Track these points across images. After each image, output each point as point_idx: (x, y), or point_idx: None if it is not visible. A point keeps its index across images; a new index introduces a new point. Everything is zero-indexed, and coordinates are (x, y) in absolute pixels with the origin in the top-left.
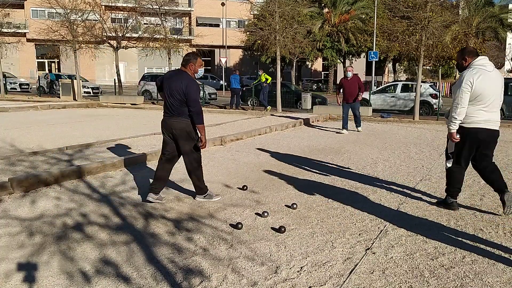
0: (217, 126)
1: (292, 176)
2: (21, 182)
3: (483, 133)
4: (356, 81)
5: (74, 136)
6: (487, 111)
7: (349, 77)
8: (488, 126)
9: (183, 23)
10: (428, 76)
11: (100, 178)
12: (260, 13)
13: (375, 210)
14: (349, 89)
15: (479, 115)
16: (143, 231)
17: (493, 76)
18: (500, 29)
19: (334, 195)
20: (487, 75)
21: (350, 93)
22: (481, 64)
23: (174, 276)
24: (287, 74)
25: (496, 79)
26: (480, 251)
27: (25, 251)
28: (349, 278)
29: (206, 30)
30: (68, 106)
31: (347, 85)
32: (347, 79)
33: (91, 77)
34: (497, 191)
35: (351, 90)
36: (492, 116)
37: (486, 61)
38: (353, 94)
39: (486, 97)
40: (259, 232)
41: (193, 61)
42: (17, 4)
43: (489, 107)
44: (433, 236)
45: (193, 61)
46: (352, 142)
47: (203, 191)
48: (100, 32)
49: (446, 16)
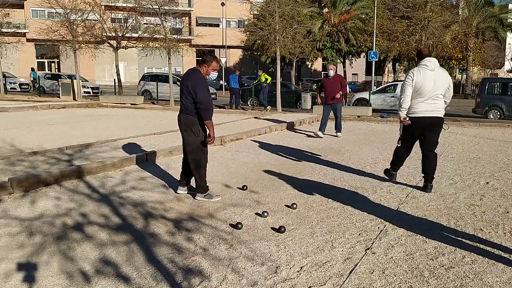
0: (217, 126)
1: (292, 176)
2: (21, 182)
3: (425, 121)
4: (338, 80)
5: (74, 136)
6: (426, 103)
7: (331, 76)
8: (429, 115)
9: (183, 23)
10: None
11: (100, 178)
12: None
13: (375, 210)
14: (330, 88)
15: (419, 106)
16: (143, 231)
17: (434, 73)
18: (500, 29)
19: (334, 195)
20: (427, 73)
21: (332, 93)
22: (424, 64)
23: (174, 276)
24: (287, 74)
25: (437, 76)
26: (480, 251)
27: (25, 251)
28: (349, 278)
29: (206, 30)
30: (68, 106)
31: (328, 85)
32: (328, 78)
33: (91, 77)
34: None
35: (333, 90)
36: (431, 107)
37: (429, 62)
38: (334, 94)
39: (424, 91)
40: (259, 232)
41: (208, 62)
42: (17, 4)
43: (427, 99)
44: (433, 236)
45: (208, 62)
46: (352, 142)
47: (203, 189)
48: (100, 32)
49: (446, 16)
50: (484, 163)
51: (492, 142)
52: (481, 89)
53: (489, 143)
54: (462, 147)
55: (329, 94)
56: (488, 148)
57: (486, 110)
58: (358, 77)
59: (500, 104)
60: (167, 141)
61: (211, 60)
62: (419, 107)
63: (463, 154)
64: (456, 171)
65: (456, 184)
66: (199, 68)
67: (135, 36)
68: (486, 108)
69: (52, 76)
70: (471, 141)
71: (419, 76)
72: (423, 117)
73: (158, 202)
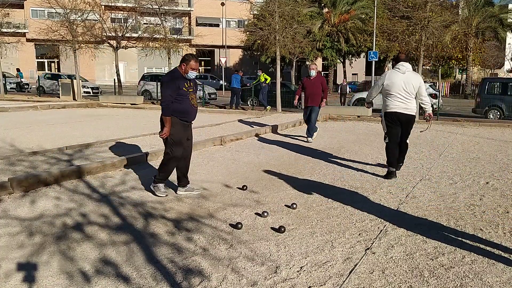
0: (217, 126)
1: (291, 176)
2: (21, 182)
3: (400, 116)
4: (319, 82)
5: (74, 136)
6: (397, 100)
7: (312, 76)
8: (402, 111)
9: (183, 23)
10: (428, 76)
11: (100, 178)
12: (260, 13)
13: (375, 210)
14: (310, 89)
15: (391, 103)
16: (143, 231)
17: (405, 76)
18: (500, 29)
19: (334, 195)
20: (398, 75)
21: (311, 94)
22: (397, 67)
23: (174, 276)
24: (287, 74)
25: (408, 78)
26: (479, 251)
27: (25, 251)
28: (349, 278)
29: (206, 30)
30: (68, 106)
31: (308, 85)
32: (309, 78)
33: (91, 77)
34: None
35: (313, 91)
36: (400, 104)
37: (402, 66)
38: (314, 96)
39: (392, 90)
40: (259, 232)
41: (187, 61)
42: (17, 4)
43: (395, 98)
44: (433, 236)
45: (187, 61)
46: (352, 142)
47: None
48: (100, 32)
49: (446, 16)
50: (484, 163)
51: (492, 142)
52: (481, 89)
53: (489, 143)
54: (462, 147)
55: (309, 95)
56: (488, 148)
57: (486, 110)
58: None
59: (500, 104)
60: None
61: (190, 59)
62: (391, 103)
63: (463, 154)
64: (456, 171)
65: (456, 184)
66: (179, 68)
67: (135, 36)
68: (486, 108)
69: (52, 76)
70: (471, 141)
71: (389, 77)
72: (395, 112)
73: (158, 202)
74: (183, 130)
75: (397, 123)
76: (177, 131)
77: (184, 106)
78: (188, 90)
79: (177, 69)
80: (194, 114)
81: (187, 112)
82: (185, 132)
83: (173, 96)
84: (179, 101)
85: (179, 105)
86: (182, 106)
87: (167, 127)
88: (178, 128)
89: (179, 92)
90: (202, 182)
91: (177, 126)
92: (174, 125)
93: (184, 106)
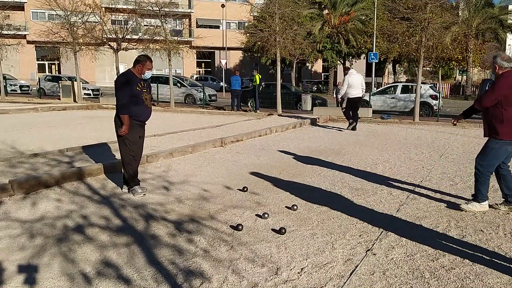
0: (217, 128)
1: (292, 178)
2: (22, 184)
3: (355, 99)
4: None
5: (74, 138)
6: (356, 90)
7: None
8: (356, 96)
9: (183, 25)
10: (428, 77)
11: (101, 180)
12: (260, 15)
13: (376, 212)
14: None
15: (352, 92)
16: (144, 233)
17: (357, 76)
18: (500, 30)
19: (335, 197)
20: (354, 76)
21: None
22: (352, 72)
23: (175, 278)
24: (287, 76)
25: (359, 77)
26: (480, 252)
27: (26, 253)
28: (350, 280)
29: (206, 31)
30: (69, 108)
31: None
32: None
33: (91, 79)
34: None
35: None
36: (358, 92)
37: (354, 71)
38: None
39: (353, 85)
40: (260, 233)
41: (142, 62)
42: (17, 6)
43: (355, 89)
44: (434, 237)
45: (142, 62)
46: (352, 143)
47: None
48: (100, 34)
49: (446, 17)
50: None
51: None
52: (481, 90)
53: None
54: (462, 148)
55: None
56: None
57: None
58: None
59: None
60: (168, 143)
61: (145, 60)
62: (353, 92)
63: (463, 155)
64: (457, 172)
65: (457, 185)
66: (133, 69)
67: (136, 38)
68: None
69: (52, 78)
70: (472, 142)
71: (351, 78)
72: (355, 97)
73: (158, 204)
74: (138, 129)
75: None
76: (132, 131)
77: (138, 106)
78: (142, 90)
79: (130, 70)
80: (148, 114)
81: (141, 112)
82: (139, 132)
83: (128, 96)
84: (133, 102)
85: (133, 106)
86: (137, 106)
87: (125, 125)
88: (133, 128)
89: (133, 92)
90: (202, 183)
91: (132, 126)
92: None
93: (138, 106)
